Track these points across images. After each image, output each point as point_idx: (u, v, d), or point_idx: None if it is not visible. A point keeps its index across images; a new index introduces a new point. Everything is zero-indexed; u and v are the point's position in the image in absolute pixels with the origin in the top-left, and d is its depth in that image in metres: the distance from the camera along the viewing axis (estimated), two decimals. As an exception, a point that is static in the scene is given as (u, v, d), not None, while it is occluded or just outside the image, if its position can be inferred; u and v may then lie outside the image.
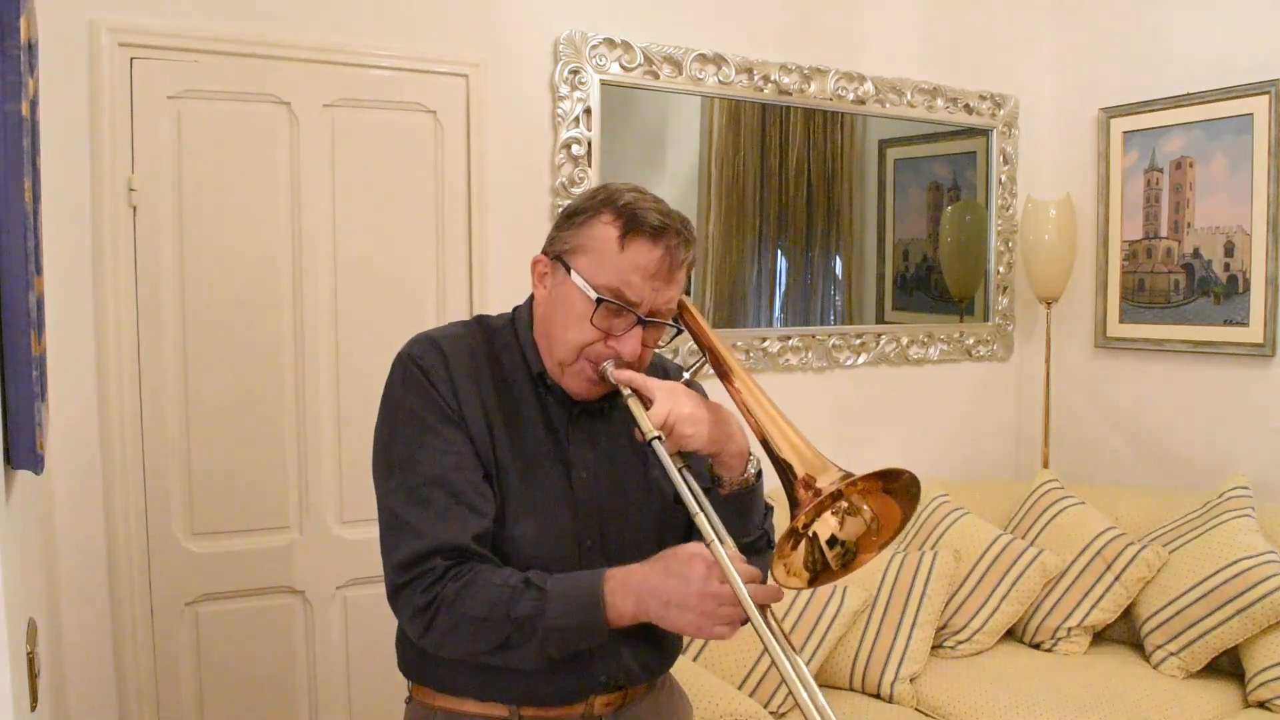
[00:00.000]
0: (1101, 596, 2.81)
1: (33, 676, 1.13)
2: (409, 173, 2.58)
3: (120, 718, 2.32)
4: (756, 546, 1.37)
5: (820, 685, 1.19)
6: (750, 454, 1.34)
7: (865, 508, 1.22)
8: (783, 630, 1.17)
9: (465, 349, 1.37)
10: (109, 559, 2.30)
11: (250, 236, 2.41)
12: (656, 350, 1.42)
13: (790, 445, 1.23)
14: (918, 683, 2.62)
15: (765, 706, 2.38)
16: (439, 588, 1.24)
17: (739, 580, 1.15)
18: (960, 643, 2.80)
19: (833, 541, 1.23)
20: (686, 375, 1.42)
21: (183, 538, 2.38)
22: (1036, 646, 2.87)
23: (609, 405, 1.39)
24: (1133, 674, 2.66)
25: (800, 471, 1.20)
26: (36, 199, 1.19)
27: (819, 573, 1.24)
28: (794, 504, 1.19)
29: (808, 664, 1.14)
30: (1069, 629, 2.83)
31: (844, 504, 1.22)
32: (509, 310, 1.46)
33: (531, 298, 1.42)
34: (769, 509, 1.44)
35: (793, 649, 1.16)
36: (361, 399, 2.49)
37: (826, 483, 1.17)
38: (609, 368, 1.31)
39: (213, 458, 2.39)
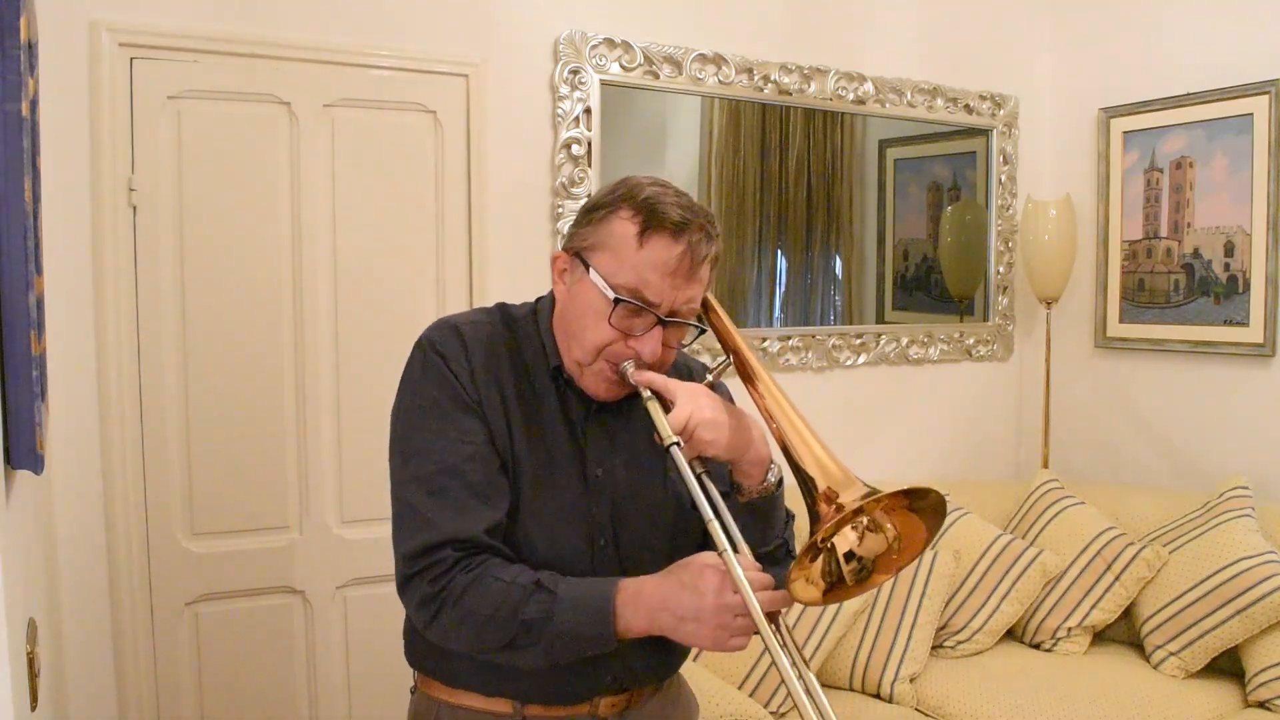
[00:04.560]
0: (1101, 596, 2.81)
1: (33, 676, 1.13)
2: (409, 172, 2.58)
3: (120, 718, 2.32)
4: (775, 556, 1.34)
5: (820, 685, 1.17)
6: (771, 462, 1.31)
7: (889, 526, 1.18)
8: (794, 639, 1.14)
9: (486, 336, 1.35)
10: (109, 559, 2.30)
11: (250, 237, 2.41)
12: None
13: (813, 457, 1.18)
14: (918, 683, 2.62)
15: (765, 706, 2.38)
16: (448, 578, 1.22)
17: (750, 591, 1.12)
18: (960, 643, 2.80)
19: (850, 556, 1.20)
20: (710, 376, 1.38)
21: (183, 538, 2.38)
22: (1036, 646, 2.87)
23: (628, 403, 1.36)
24: (1133, 674, 2.66)
25: (822, 485, 1.15)
26: (36, 199, 1.19)
27: (834, 586, 1.20)
28: (814, 518, 1.16)
29: (808, 664, 1.13)
30: (1069, 629, 2.83)
31: (865, 520, 1.19)
32: (531, 300, 1.43)
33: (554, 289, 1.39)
34: (790, 517, 1.41)
35: (804, 660, 1.14)
36: (361, 399, 2.49)
37: (849, 498, 1.13)
38: (629, 368, 1.27)
39: (213, 458, 2.39)
